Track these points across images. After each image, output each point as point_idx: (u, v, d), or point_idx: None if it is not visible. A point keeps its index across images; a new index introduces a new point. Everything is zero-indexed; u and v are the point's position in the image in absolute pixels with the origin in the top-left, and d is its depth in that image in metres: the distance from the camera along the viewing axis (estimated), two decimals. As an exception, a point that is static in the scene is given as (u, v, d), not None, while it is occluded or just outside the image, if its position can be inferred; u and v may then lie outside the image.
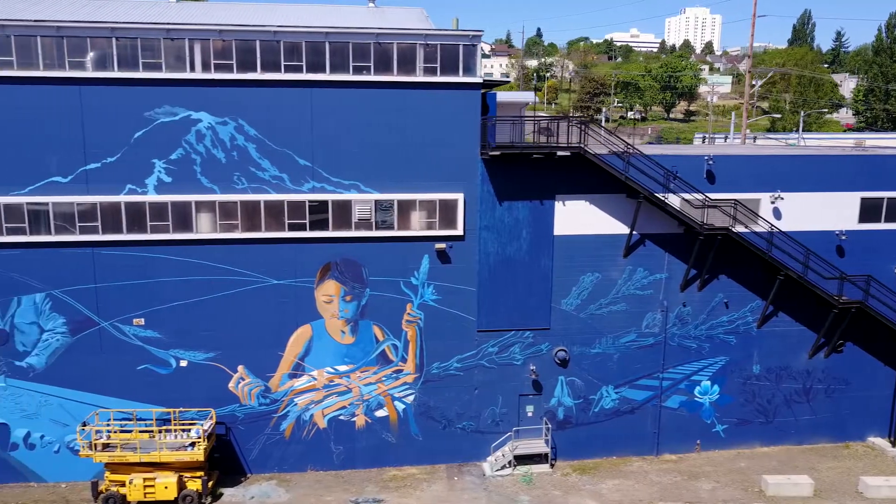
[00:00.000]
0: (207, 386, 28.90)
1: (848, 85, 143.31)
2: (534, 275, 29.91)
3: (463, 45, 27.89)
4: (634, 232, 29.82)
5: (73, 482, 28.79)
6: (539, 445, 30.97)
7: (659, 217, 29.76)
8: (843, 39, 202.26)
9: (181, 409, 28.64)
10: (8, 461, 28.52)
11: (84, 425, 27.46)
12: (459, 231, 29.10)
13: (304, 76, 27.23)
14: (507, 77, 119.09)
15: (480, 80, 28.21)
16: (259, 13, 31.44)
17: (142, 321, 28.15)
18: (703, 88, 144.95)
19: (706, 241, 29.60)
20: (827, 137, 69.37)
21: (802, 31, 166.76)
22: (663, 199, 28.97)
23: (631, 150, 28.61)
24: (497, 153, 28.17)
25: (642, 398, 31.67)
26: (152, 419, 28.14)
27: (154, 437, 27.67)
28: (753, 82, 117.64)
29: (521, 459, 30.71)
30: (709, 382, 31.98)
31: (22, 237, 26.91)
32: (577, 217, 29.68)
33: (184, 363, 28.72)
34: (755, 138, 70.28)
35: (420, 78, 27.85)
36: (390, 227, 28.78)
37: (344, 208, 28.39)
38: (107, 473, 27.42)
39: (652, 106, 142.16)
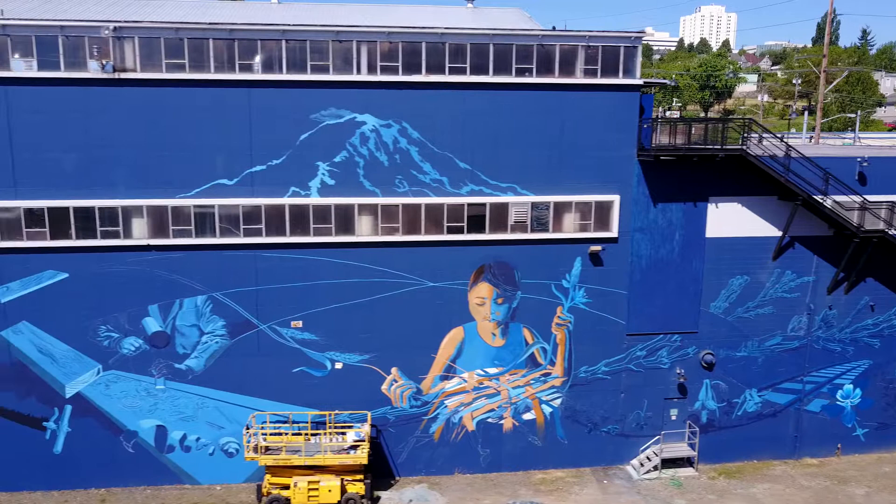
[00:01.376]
0: (361, 388, 28.84)
1: (886, 83, 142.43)
2: (684, 277, 29.74)
3: (624, 47, 27.73)
4: (785, 234, 29.66)
5: (226, 484, 28.81)
6: (684, 449, 30.82)
7: (808, 219, 29.54)
8: (868, 37, 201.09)
9: (336, 411, 28.57)
10: (164, 463, 28.54)
11: (247, 428, 27.43)
12: (613, 233, 28.95)
13: (467, 78, 27.11)
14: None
15: (640, 82, 28.04)
16: (371, 13, 31.41)
17: (299, 324, 28.11)
18: (742, 87, 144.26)
19: (861, 243, 29.36)
20: (880, 137, 68.83)
21: (824, 29, 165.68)
22: (820, 201, 28.75)
23: (791, 153, 28.39)
24: (652, 155, 28.01)
25: (785, 401, 31.46)
26: (306, 422, 28.14)
27: (309, 440, 27.67)
28: (794, 80, 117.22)
29: (665, 463, 30.57)
30: (851, 386, 31.74)
31: (188, 240, 26.90)
32: (729, 219, 29.49)
33: (339, 365, 28.68)
34: (811, 138, 69.83)
35: (580, 80, 27.70)
36: (545, 229, 28.66)
37: (501, 211, 28.27)
38: (267, 476, 27.38)
39: (688, 105, 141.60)
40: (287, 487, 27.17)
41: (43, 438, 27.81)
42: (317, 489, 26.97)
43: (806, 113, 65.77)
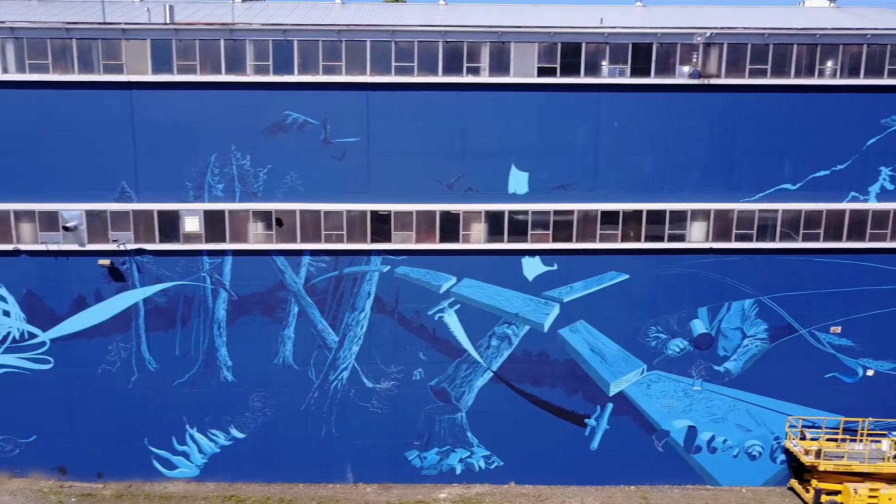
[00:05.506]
0: (890, 397, 28.48)
1: None
2: None
3: None
4: None
5: (750, 487, 28.93)
6: None
7: None
8: None
9: (869, 419, 28.30)
10: (689, 463, 28.89)
11: (796, 431, 27.52)
12: None
13: None
14: None
15: None
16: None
17: (838, 329, 27.98)
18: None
19: None
20: None
21: None
22: None
23: None
24: None
25: None
26: (837, 427, 28.02)
27: (840, 446, 27.54)
28: None
29: None
30: None
31: (746, 243, 27.14)
32: None
33: (870, 372, 28.40)
34: None
35: None
36: None
37: None
38: (813, 481, 27.33)
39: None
40: (835, 493, 27.08)
41: (582, 435, 28.59)
42: (876, 496, 26.75)
43: None
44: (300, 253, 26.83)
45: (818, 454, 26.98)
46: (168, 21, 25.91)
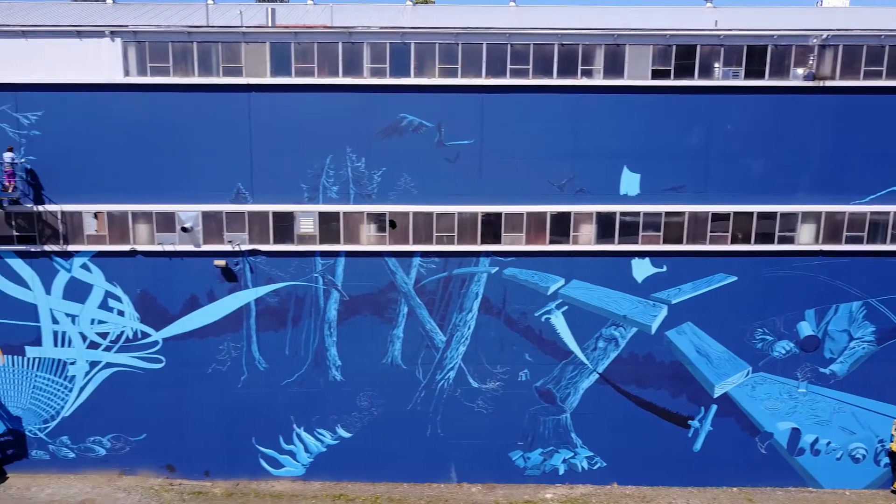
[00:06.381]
0: None
1: None
2: None
3: None
4: None
5: (854, 490, 28.81)
6: None
7: None
8: None
9: (977, 422, 28.19)
10: (791, 465, 28.84)
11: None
12: None
13: None
14: None
15: None
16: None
17: (946, 331, 27.88)
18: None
19: None
20: None
21: None
22: None
23: None
24: None
25: None
26: (943, 431, 27.92)
27: None
28: None
29: None
30: None
31: (857, 246, 27.08)
32: None
33: (975, 375, 28.28)
34: None
35: None
36: None
37: None
38: (914, 484, 27.34)
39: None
40: (946, 497, 27.05)
41: (685, 436, 28.61)
42: None
43: None
44: (411, 254, 27.02)
45: (932, 457, 26.97)
46: (270, 23, 26.25)
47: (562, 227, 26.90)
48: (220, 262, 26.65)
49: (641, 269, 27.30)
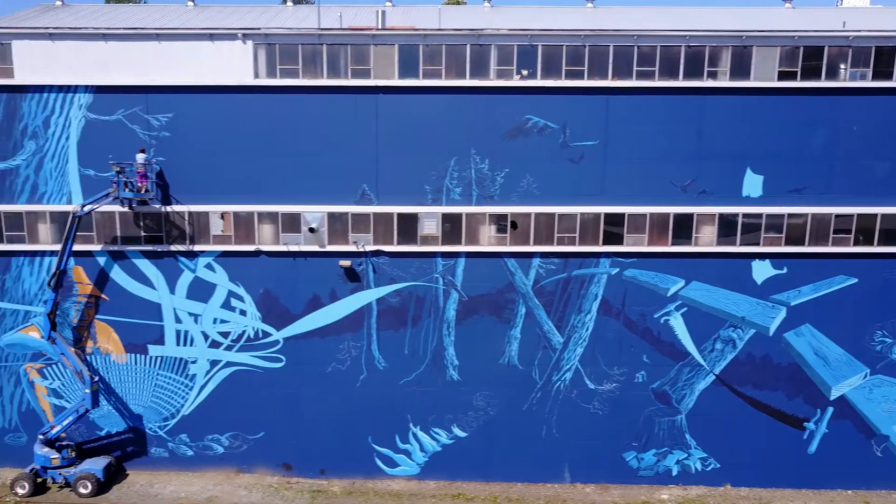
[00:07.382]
0: None
1: None
2: None
3: None
4: None
5: (971, 493, 28.71)
6: None
7: None
8: None
9: None
10: (910, 468, 28.72)
11: None
12: None
13: None
14: None
15: None
16: None
17: None
18: None
19: None
20: None
21: None
22: None
23: None
24: None
25: None
26: None
27: None
28: None
29: None
30: None
31: (981, 248, 26.97)
32: None
33: None
34: None
35: None
36: None
37: None
38: None
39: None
40: None
41: (800, 438, 28.52)
42: None
43: None
44: (531, 255, 27.14)
45: None
46: (380, 25, 26.55)
47: (684, 228, 26.92)
48: (345, 263, 26.88)
49: (762, 271, 27.26)
